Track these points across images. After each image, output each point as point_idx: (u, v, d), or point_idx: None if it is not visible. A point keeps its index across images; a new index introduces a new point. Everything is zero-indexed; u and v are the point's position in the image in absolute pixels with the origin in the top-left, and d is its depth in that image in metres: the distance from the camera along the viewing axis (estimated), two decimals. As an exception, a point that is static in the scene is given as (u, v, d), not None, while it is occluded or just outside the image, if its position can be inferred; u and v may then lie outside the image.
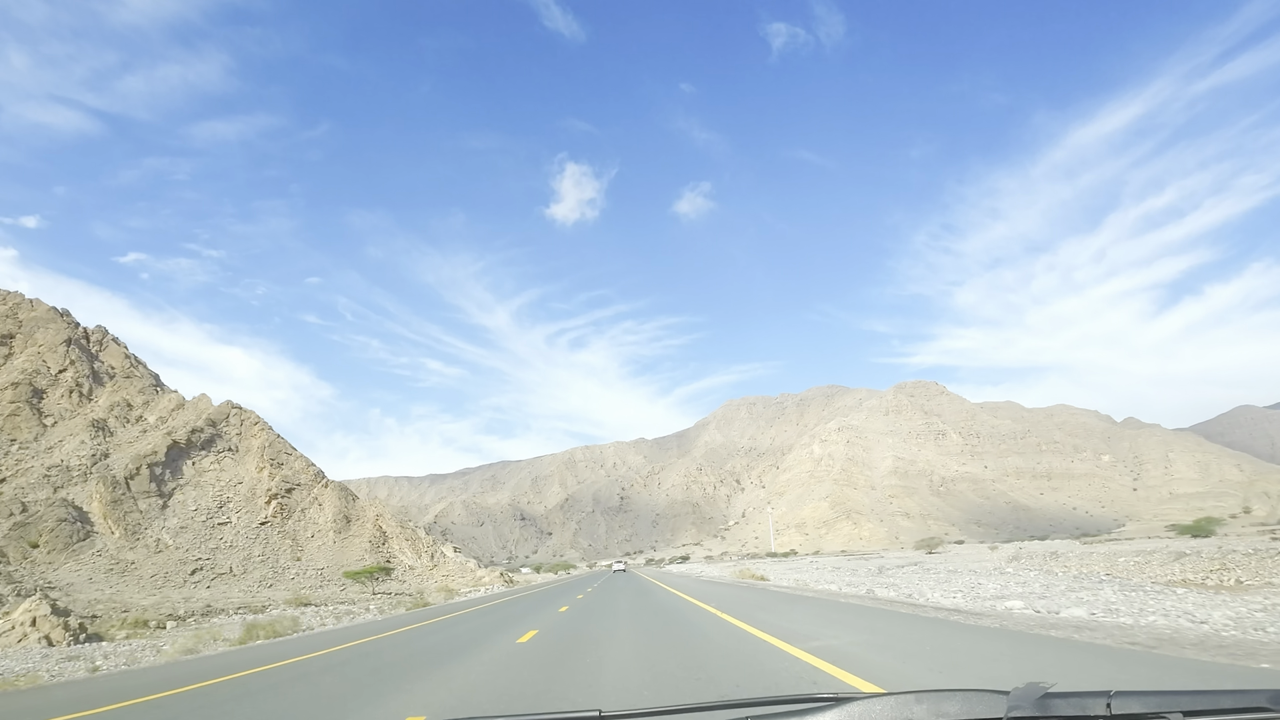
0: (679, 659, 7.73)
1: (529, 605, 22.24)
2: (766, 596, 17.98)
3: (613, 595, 23.85)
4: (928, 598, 14.77)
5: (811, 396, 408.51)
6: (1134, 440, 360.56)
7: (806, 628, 10.06)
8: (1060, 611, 10.75)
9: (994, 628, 8.86)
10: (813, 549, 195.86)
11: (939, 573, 26.56)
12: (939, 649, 7.38)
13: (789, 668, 6.53)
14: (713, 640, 9.31)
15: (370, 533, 50.62)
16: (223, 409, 53.14)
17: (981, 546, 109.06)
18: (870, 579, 24.54)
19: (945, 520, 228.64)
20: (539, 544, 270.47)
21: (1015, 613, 11.14)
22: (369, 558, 45.77)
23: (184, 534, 39.90)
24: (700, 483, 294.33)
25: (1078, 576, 19.51)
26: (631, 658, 8.14)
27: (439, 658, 9.89)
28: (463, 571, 52.80)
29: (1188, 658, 5.95)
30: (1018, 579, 19.23)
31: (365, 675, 8.65)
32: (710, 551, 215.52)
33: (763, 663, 6.97)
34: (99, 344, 61.26)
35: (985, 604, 12.83)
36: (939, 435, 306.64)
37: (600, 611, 16.69)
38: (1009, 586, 16.39)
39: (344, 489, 55.89)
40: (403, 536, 53.70)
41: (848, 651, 7.34)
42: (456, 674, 7.91)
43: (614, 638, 10.74)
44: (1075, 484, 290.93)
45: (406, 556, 51.22)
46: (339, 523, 49.17)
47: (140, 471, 41.34)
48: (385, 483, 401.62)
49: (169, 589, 34.21)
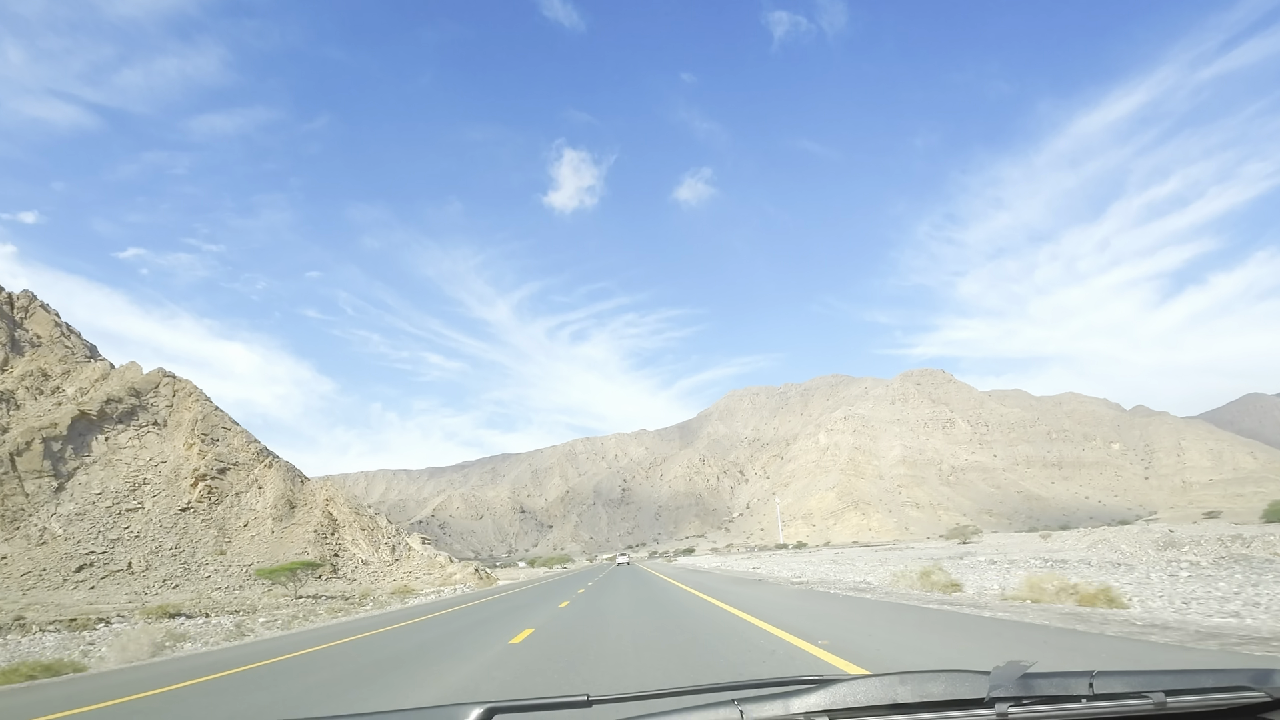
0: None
1: (486, 618, 15.15)
2: (881, 612, 10.62)
3: (612, 602, 16.60)
4: (1186, 616, 7.54)
5: (815, 386, 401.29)
6: (1144, 429, 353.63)
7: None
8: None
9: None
10: (821, 540, 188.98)
11: (1036, 566, 19.38)
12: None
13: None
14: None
15: (317, 521, 43.31)
16: (151, 378, 45.74)
17: (1020, 536, 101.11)
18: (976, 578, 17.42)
19: (956, 510, 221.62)
20: (539, 537, 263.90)
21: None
22: (312, 550, 38.47)
23: (79, 522, 32.77)
24: (703, 474, 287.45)
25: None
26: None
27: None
28: (430, 567, 45.83)
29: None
30: (1235, 578, 11.97)
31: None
32: (715, 544, 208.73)
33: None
34: (24, 310, 53.88)
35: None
36: (947, 424, 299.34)
37: (585, 641, 9.37)
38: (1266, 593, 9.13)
39: (292, 470, 48.94)
40: (357, 525, 46.30)
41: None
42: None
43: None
44: (1087, 473, 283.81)
45: (361, 549, 44.10)
46: (280, 509, 42.10)
47: (31, 447, 34.14)
48: (383, 476, 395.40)
49: (41, 589, 27.03)
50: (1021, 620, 8.20)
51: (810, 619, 10.03)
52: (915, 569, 15.30)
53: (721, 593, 17.07)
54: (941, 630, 7.92)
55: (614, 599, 17.26)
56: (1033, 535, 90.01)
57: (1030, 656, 2.28)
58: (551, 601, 18.12)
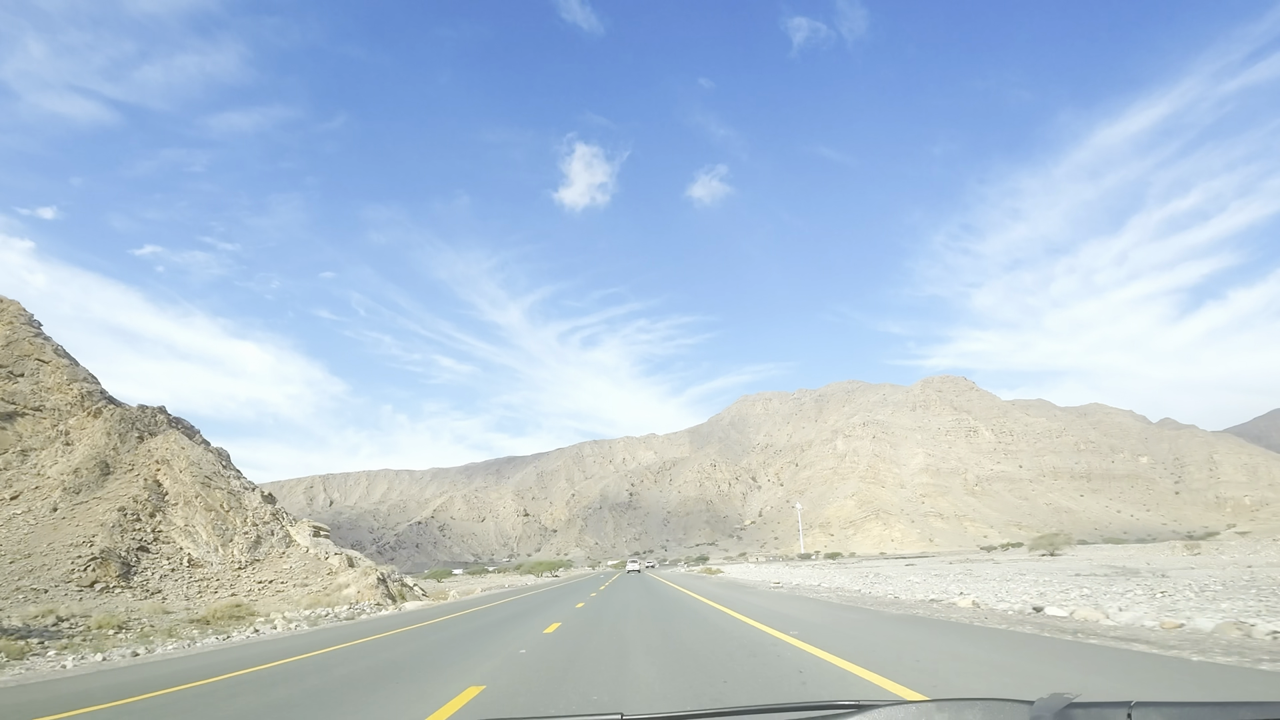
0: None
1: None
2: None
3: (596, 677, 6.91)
4: None
5: (831, 392, 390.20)
6: (1173, 441, 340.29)
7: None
8: None
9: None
10: (841, 550, 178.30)
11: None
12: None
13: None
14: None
15: (134, 493, 31.02)
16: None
17: (1131, 548, 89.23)
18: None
19: (983, 521, 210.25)
20: (542, 541, 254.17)
21: None
22: (104, 538, 27.17)
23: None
24: (715, 479, 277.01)
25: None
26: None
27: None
28: (314, 571, 32.90)
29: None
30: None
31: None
32: (728, 552, 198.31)
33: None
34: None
35: None
36: (970, 432, 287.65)
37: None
38: None
39: (129, 419, 36.52)
40: (200, 504, 33.04)
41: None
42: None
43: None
44: (1117, 485, 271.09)
45: (195, 541, 31.37)
46: (84, 475, 30.94)
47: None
48: (385, 476, 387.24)
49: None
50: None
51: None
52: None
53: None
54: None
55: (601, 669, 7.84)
56: (1159, 547, 73.71)
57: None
58: (439, 676, 8.18)
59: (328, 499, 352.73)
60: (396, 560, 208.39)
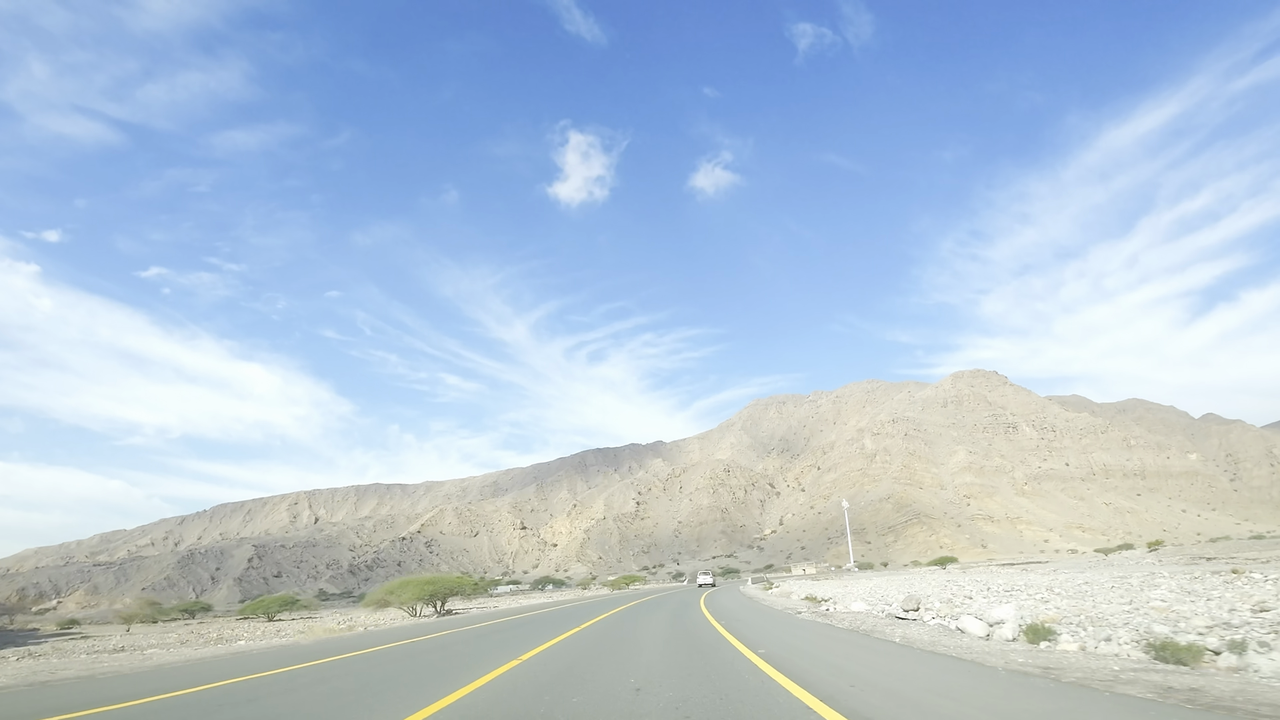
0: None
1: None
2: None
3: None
4: None
5: (849, 393, 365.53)
6: (1224, 437, 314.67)
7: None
8: None
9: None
10: (878, 561, 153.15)
11: None
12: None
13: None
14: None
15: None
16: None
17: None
18: None
19: (1039, 524, 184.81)
20: (540, 556, 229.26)
21: None
22: None
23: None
24: (728, 486, 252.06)
25: None
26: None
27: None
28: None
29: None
30: None
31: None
32: (750, 564, 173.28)
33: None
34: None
35: None
36: (1009, 429, 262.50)
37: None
38: None
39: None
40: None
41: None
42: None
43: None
44: (1174, 484, 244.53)
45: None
46: None
47: None
48: (375, 491, 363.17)
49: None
50: None
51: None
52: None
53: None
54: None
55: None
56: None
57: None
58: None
59: (312, 515, 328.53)
60: (372, 580, 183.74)
